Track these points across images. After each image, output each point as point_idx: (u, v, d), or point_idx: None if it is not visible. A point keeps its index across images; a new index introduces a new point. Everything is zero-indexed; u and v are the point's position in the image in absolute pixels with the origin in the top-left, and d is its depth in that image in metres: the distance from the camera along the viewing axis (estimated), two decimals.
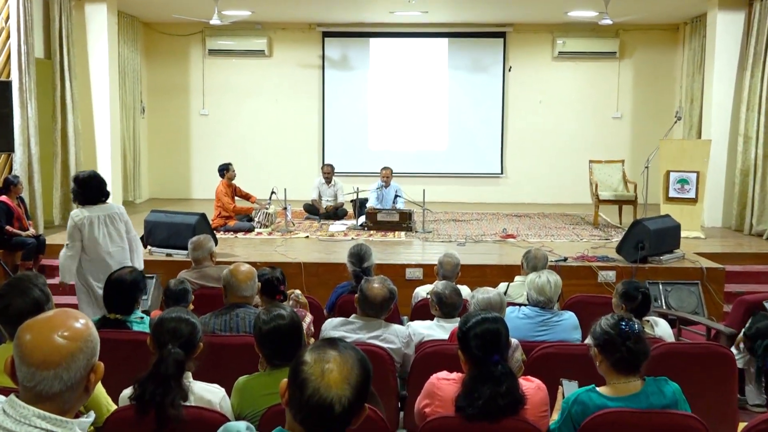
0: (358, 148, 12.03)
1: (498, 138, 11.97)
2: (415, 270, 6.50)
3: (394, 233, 8.32)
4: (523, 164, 11.99)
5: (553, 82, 11.90)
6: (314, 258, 6.85)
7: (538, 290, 3.89)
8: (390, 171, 9.22)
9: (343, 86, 11.98)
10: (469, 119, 11.97)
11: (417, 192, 8.88)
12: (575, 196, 11.61)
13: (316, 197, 9.71)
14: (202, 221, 6.75)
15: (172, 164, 12.18)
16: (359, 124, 12.04)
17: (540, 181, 11.97)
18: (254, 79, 12.01)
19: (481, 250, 7.39)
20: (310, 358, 1.52)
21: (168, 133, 12.14)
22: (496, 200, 11.90)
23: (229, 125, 12.10)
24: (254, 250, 7.25)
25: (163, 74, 12.03)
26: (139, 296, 3.67)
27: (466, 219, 9.74)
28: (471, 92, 11.94)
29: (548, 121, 11.95)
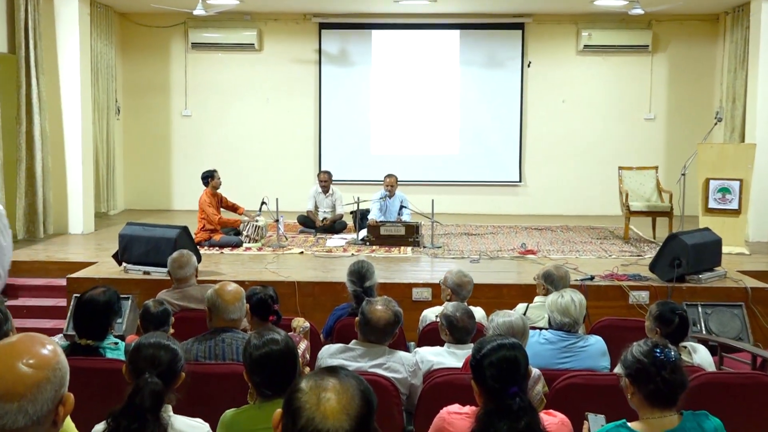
0: (358, 153, 12.07)
1: (516, 142, 12.00)
2: (423, 290, 6.49)
3: (400, 249, 8.32)
4: (545, 171, 12.00)
5: (577, 79, 11.94)
6: (309, 276, 6.85)
7: (562, 311, 3.88)
8: (394, 179, 9.25)
9: (342, 84, 12.03)
10: (484, 121, 12.00)
11: (425, 202, 8.88)
12: (603, 207, 11.59)
13: (311, 208, 9.73)
14: (183, 235, 6.76)
15: (151, 171, 12.22)
16: (360, 126, 12.08)
17: (563, 191, 11.98)
18: (243, 76, 12.07)
19: (497, 268, 7.38)
20: (307, 386, 1.52)
21: (146, 137, 12.19)
22: (514, 211, 11.90)
23: (214, 128, 12.16)
24: (242, 268, 7.25)
25: (141, 71, 12.10)
26: (113, 319, 3.68)
27: (480, 233, 9.74)
28: (485, 90, 11.97)
29: (572, 122, 11.98)
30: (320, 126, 12.08)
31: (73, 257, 7.85)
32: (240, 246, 8.33)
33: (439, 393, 3.28)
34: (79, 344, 3.52)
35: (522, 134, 11.99)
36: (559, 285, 4.71)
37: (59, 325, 6.42)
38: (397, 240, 8.47)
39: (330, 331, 4.61)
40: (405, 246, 8.40)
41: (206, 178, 8.55)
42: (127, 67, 12.10)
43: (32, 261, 7.62)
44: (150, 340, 2.73)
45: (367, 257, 7.70)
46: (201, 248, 7.82)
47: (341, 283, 4.90)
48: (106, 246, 8.17)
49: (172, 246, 6.39)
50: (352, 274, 4.64)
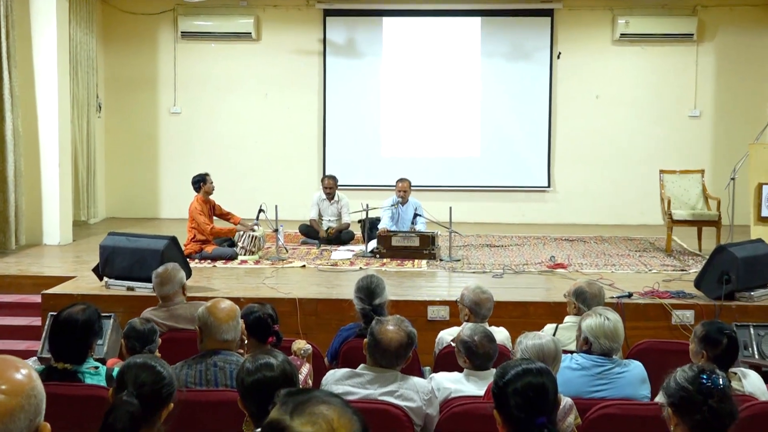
0: (367, 155, 12.10)
1: (544, 142, 12.00)
2: (440, 308, 6.48)
3: (413, 262, 8.32)
4: (576, 175, 11.99)
5: (613, 72, 11.93)
6: (312, 293, 6.85)
7: (610, 335, 3.85)
8: (408, 183, 9.26)
9: (349, 78, 12.08)
10: (508, 119, 12.01)
11: (442, 210, 8.88)
12: (642, 215, 11.55)
13: (314, 216, 9.75)
14: (172, 246, 6.78)
15: (136, 175, 12.29)
16: (369, 125, 12.12)
17: (597, 197, 11.96)
18: (238, 68, 12.14)
19: (524, 283, 7.37)
20: (296, 420, 1.49)
21: (130, 137, 12.26)
22: (542, 220, 11.88)
23: (206, 126, 12.22)
24: (237, 283, 7.27)
25: (125, 63, 12.18)
26: (94, 341, 3.69)
27: (503, 244, 9.73)
28: (510, 85, 11.99)
29: (607, 120, 11.96)
30: (325, 125, 12.12)
31: (48, 271, 7.89)
32: (235, 259, 8.35)
33: (458, 424, 3.27)
34: (55, 368, 3.53)
35: (551, 134, 12.00)
36: (592, 303, 4.70)
37: (33, 346, 6.44)
38: (410, 252, 8.46)
39: (335, 354, 4.61)
40: (419, 259, 8.39)
41: (197, 182, 8.57)
42: (109, 59, 12.19)
43: (3, 275, 7.66)
44: (137, 360, 2.75)
45: (377, 271, 7.69)
46: (191, 261, 7.84)
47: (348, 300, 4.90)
48: (86, 259, 8.21)
49: (158, 259, 6.39)
50: (360, 290, 4.64)
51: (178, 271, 5.08)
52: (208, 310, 3.69)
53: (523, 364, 2.65)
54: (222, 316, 3.66)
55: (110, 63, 12.19)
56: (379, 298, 4.59)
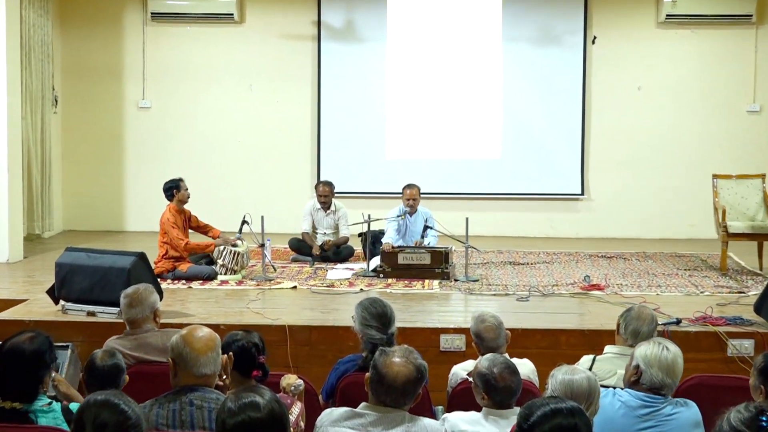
0: (369, 157, 12.11)
1: (576, 142, 12.00)
2: (454, 337, 6.46)
3: (424, 282, 8.30)
4: (615, 180, 11.99)
5: (657, 59, 11.94)
6: (305, 319, 6.84)
7: (666, 368, 3.84)
8: (417, 190, 9.25)
9: (347, 67, 12.11)
10: (534, 114, 12.02)
11: (457, 221, 8.87)
12: (692, 228, 11.54)
13: (307, 229, 9.75)
14: (140, 265, 6.78)
15: (98, 181, 12.31)
16: (372, 122, 12.14)
17: (639, 206, 11.95)
18: (218, 56, 12.17)
19: (553, 307, 7.35)
20: None
21: (92, 136, 12.30)
22: (575, 233, 11.87)
23: (181, 124, 12.25)
24: (217, 307, 7.26)
25: (86, 49, 12.22)
26: (46, 374, 3.68)
27: (529, 261, 9.71)
28: (537, 75, 12.00)
29: (651, 116, 11.96)
30: (319, 122, 12.14)
31: None
32: (214, 279, 8.34)
33: None
34: (2, 408, 3.53)
35: (584, 132, 12.00)
36: (642, 331, 4.68)
37: None
38: (419, 271, 8.45)
39: (332, 390, 4.60)
40: (430, 279, 8.37)
41: (170, 189, 8.57)
42: (67, 44, 12.23)
43: None
44: (98, 397, 2.73)
45: (381, 294, 7.66)
46: (163, 281, 7.82)
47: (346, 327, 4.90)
48: (39, 279, 8.21)
49: (124, 279, 6.40)
50: (375, 317, 4.61)
51: (150, 293, 5.08)
52: (183, 339, 3.68)
53: (552, 403, 2.64)
54: (199, 347, 3.65)
55: (68, 49, 12.23)
56: (393, 326, 4.60)
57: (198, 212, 8.91)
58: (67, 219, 12.28)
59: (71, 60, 12.23)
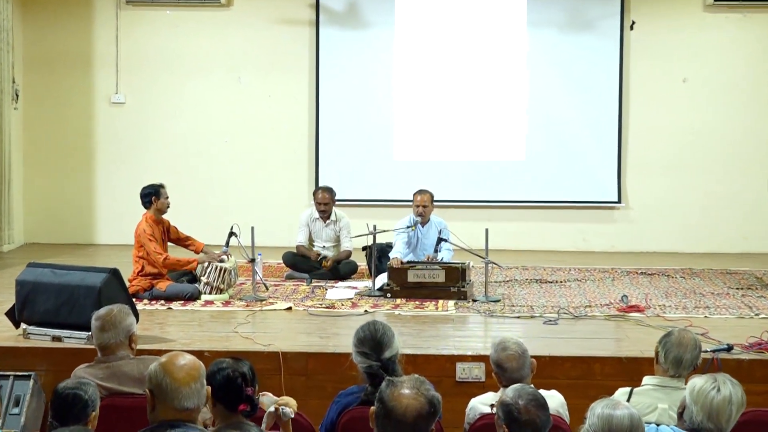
0: (375, 159, 12.10)
1: (612, 143, 11.97)
2: (472, 366, 6.45)
3: (437, 303, 8.28)
4: (656, 186, 11.96)
5: (705, 47, 11.91)
6: (301, 344, 6.84)
7: (710, 410, 3.82)
8: (429, 197, 9.23)
9: (350, 56, 12.10)
10: (564, 110, 12.00)
11: (475, 233, 8.86)
12: (746, 241, 11.52)
13: (303, 242, 9.74)
14: (112, 282, 6.77)
15: (64, 187, 12.31)
16: (378, 118, 12.12)
17: (684, 216, 11.92)
18: (202, 44, 12.17)
19: (585, 332, 7.33)
20: None
21: (57, 135, 12.30)
22: (611, 246, 11.84)
23: (159, 121, 12.25)
24: (201, 331, 7.27)
25: (51, 37, 12.22)
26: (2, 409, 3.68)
27: (558, 279, 9.68)
28: (566, 65, 11.98)
29: (697, 113, 11.93)
30: (318, 119, 12.12)
31: None
32: (197, 299, 8.33)
33: None
34: None
35: (621, 131, 11.97)
36: (685, 358, 4.67)
37: None
38: (433, 290, 8.42)
39: (332, 426, 4.59)
40: (445, 299, 8.34)
41: (148, 196, 8.56)
42: (30, 32, 12.22)
43: None
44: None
45: (388, 316, 7.69)
46: (139, 302, 7.82)
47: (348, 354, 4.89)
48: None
49: (95, 298, 6.40)
50: (362, 342, 4.61)
51: (126, 316, 5.08)
52: (162, 368, 3.68)
53: None
54: (181, 376, 3.65)
55: (31, 36, 12.22)
56: (389, 350, 4.57)
57: (179, 223, 8.91)
58: (29, 230, 12.28)
59: (34, 49, 12.23)
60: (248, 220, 8.79)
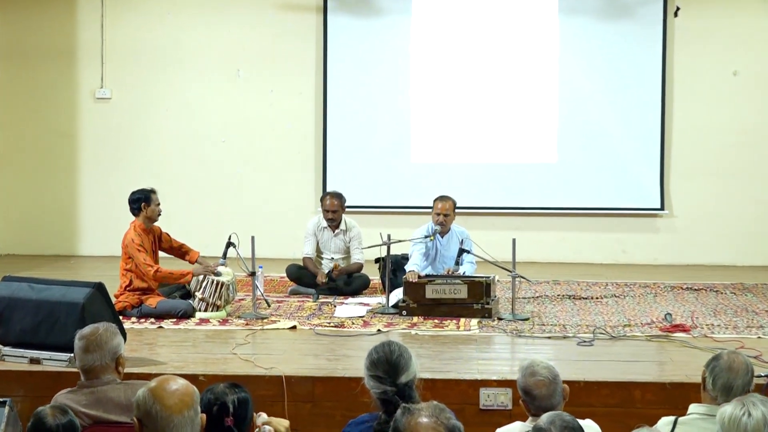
0: (389, 161, 12.13)
1: (655, 143, 11.96)
2: (498, 392, 6.45)
3: (459, 322, 8.28)
4: (703, 192, 11.95)
5: (758, 37, 11.91)
6: (307, 368, 6.85)
7: None
8: (450, 204, 9.21)
9: (362, 47, 12.14)
10: (600, 107, 12.00)
11: (501, 244, 8.86)
12: None
13: (310, 253, 9.75)
14: (97, 298, 6.78)
15: (44, 192, 12.37)
16: (393, 117, 12.15)
17: (734, 225, 11.91)
18: (197, 35, 12.23)
19: (625, 354, 7.31)
20: None
21: (36, 135, 12.37)
22: (653, 259, 11.84)
23: (149, 119, 12.30)
24: (195, 353, 7.29)
25: (30, 27, 12.29)
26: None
27: (594, 295, 9.68)
28: (603, 57, 11.99)
29: (750, 110, 11.93)
30: (325, 118, 12.15)
31: None
32: (191, 316, 8.34)
33: None
34: None
35: (665, 130, 11.97)
36: (735, 384, 4.66)
37: None
38: (454, 307, 8.42)
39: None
40: (467, 317, 8.34)
41: (138, 202, 8.56)
42: (6, 21, 12.29)
43: None
44: None
45: (404, 336, 7.69)
46: (127, 320, 7.86)
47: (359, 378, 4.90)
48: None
49: (77, 316, 6.41)
50: (375, 365, 4.60)
51: (113, 336, 5.08)
52: (152, 394, 3.69)
53: None
54: (172, 403, 3.66)
55: (7, 26, 12.30)
56: (405, 374, 4.57)
57: (170, 232, 8.93)
58: (4, 240, 12.34)
59: (11, 40, 12.31)
60: (248, 230, 8.79)
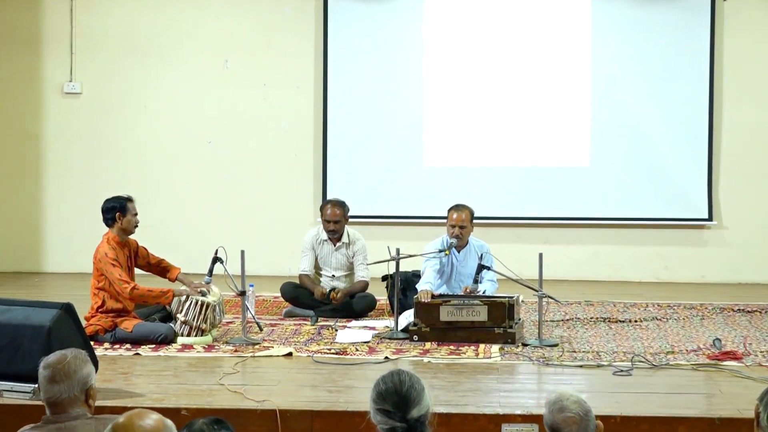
0: (398, 164, 12.15)
1: (702, 145, 11.97)
2: (522, 429, 6.44)
3: (478, 348, 8.29)
4: (757, 201, 11.96)
5: None
6: (305, 401, 6.84)
7: None
8: (468, 214, 9.22)
9: (368, 34, 12.17)
10: (638, 105, 12.02)
11: (526, 259, 8.87)
12: None
13: (308, 270, 9.75)
14: (65, 321, 6.79)
15: (4, 201, 12.40)
16: (403, 114, 12.18)
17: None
18: (179, 21, 12.27)
19: (667, 385, 7.30)
20: None
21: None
22: (700, 276, 11.85)
23: (125, 117, 12.33)
24: (177, 383, 7.29)
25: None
26: None
27: (632, 318, 9.66)
28: (641, 48, 12.01)
29: None
30: (325, 114, 12.18)
31: None
32: (172, 341, 8.36)
33: None
34: None
35: (712, 131, 11.97)
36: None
37: None
38: (472, 331, 8.42)
39: None
40: (487, 343, 8.34)
41: (112, 211, 8.55)
42: None
43: None
44: None
45: (415, 364, 7.69)
46: (99, 345, 7.87)
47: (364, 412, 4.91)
48: None
49: (42, 341, 6.41)
50: (383, 397, 4.61)
51: (83, 364, 5.07)
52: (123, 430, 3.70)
53: None
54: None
55: None
56: (417, 408, 4.56)
57: (150, 245, 8.94)
58: None
59: None
60: (237, 243, 8.81)
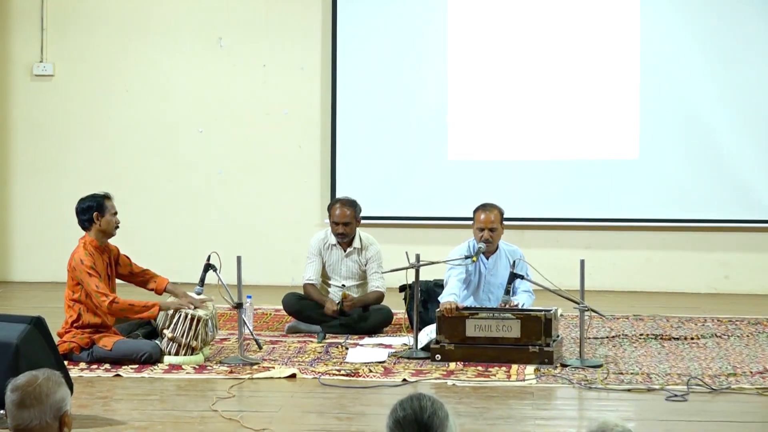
0: (419, 159, 12.19)
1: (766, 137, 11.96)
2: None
3: (510, 369, 8.29)
4: None
5: None
6: (311, 428, 6.88)
7: None
8: (497, 215, 9.20)
9: (384, 10, 12.20)
10: (695, 90, 12.02)
11: (565, 266, 8.86)
12: None
13: (314, 279, 9.77)
14: (35, 337, 6.80)
15: None
16: (424, 102, 12.22)
17: None
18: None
19: (728, 412, 7.29)
20: None
21: None
22: (766, 288, 11.81)
23: (103, 103, 12.38)
24: (163, 409, 7.30)
25: None
26: None
27: (688, 335, 9.67)
28: (697, 25, 12.03)
29: None
30: (334, 101, 12.21)
31: None
32: (158, 361, 8.37)
33: None
34: None
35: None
36: None
37: None
38: (503, 350, 8.43)
39: None
40: (521, 363, 8.35)
41: (88, 212, 8.57)
42: None
43: None
44: None
45: (438, 387, 7.69)
46: (74, 365, 7.88)
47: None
48: None
49: (9, 361, 6.42)
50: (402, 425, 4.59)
51: (56, 387, 5.04)
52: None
53: None
54: None
55: None
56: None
57: (131, 253, 8.95)
58: None
59: None
60: (233, 248, 8.83)
